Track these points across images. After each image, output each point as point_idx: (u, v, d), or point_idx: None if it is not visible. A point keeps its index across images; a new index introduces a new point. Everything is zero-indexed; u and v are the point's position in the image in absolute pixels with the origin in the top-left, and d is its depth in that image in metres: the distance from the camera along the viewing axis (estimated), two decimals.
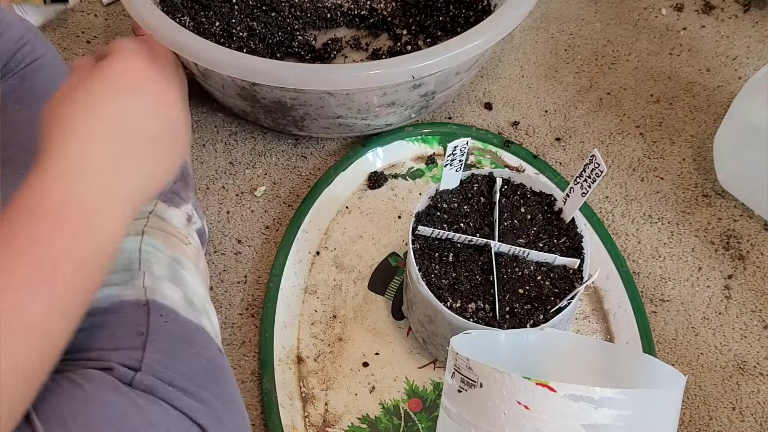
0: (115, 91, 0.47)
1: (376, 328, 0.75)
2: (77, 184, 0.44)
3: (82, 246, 0.43)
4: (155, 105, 0.49)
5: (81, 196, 0.44)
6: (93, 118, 0.46)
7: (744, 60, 0.99)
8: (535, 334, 0.60)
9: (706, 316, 0.76)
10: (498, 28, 0.77)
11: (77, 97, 0.47)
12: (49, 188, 0.43)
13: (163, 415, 0.48)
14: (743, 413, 0.70)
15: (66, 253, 0.42)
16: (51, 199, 0.43)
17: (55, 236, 0.42)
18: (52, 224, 0.42)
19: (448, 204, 0.70)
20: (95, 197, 0.44)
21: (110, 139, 0.46)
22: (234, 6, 0.94)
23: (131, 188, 0.47)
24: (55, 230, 0.42)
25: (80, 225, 0.43)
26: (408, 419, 0.69)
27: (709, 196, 0.85)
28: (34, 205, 0.42)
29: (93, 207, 0.44)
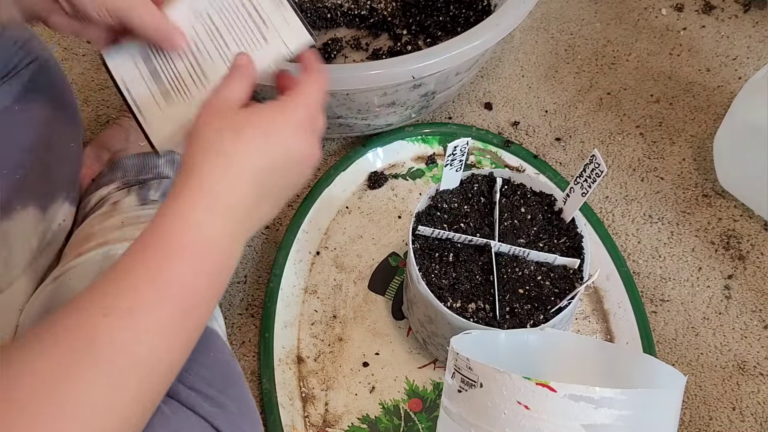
0: (287, 141, 0.48)
1: (376, 328, 0.75)
2: (223, 225, 0.45)
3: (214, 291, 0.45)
4: (305, 160, 0.50)
5: (222, 238, 0.45)
6: (256, 160, 0.46)
7: (744, 60, 0.99)
8: (535, 334, 0.60)
9: (706, 316, 0.76)
10: (498, 28, 0.77)
11: (250, 132, 0.47)
12: (201, 226, 0.44)
13: (185, 421, 0.48)
14: (743, 413, 0.70)
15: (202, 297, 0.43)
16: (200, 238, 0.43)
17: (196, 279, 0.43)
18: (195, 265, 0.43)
19: (448, 204, 0.70)
20: (232, 239, 0.45)
21: (261, 184, 0.47)
22: None
23: (253, 229, 0.48)
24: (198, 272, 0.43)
25: (217, 269, 0.44)
26: (408, 419, 0.69)
27: (709, 196, 0.85)
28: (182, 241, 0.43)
29: (229, 249, 0.45)
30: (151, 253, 0.42)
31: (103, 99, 0.94)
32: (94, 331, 0.39)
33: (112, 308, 0.39)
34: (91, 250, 0.63)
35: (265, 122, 0.47)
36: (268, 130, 0.47)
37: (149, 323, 0.40)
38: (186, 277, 0.42)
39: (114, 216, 0.67)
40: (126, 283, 0.41)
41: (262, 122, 0.47)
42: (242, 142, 0.46)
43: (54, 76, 0.69)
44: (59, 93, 0.69)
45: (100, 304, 0.40)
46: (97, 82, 0.96)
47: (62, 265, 0.63)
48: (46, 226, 0.65)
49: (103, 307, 0.40)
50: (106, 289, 0.41)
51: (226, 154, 0.45)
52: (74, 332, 0.39)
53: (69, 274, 0.61)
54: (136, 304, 0.40)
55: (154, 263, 0.42)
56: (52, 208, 0.66)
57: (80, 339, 0.38)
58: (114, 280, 0.41)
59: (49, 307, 0.59)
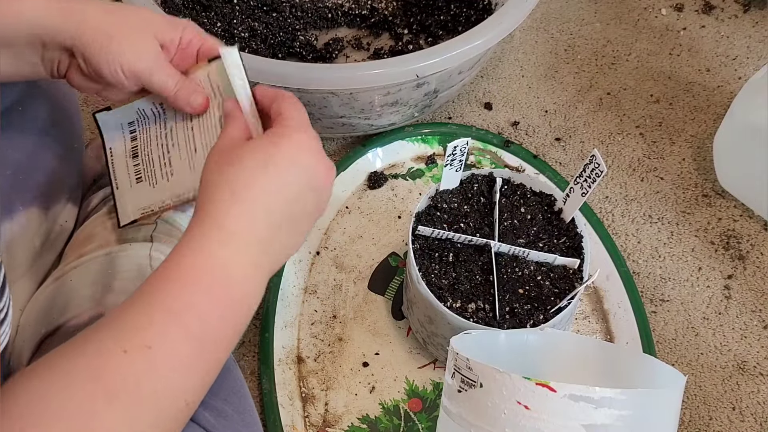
0: (290, 165, 0.47)
1: (376, 328, 0.75)
2: (241, 259, 0.44)
3: (237, 326, 0.44)
4: (319, 185, 0.49)
5: (241, 272, 0.44)
6: (263, 188, 0.46)
7: (744, 60, 0.99)
8: (535, 334, 0.60)
9: (706, 316, 0.76)
10: (501, 26, 0.77)
11: (251, 163, 0.46)
12: (225, 262, 0.43)
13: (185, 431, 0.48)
14: (743, 413, 0.70)
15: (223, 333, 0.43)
16: (222, 273, 0.43)
17: (218, 314, 0.43)
18: (217, 301, 0.43)
19: (448, 204, 0.70)
20: (252, 273, 0.45)
21: (273, 212, 0.46)
22: (235, 6, 0.94)
23: (276, 262, 0.47)
24: (220, 308, 0.43)
25: (237, 304, 0.44)
26: (408, 419, 0.69)
27: (709, 196, 0.85)
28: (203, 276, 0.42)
29: (249, 283, 0.45)
30: (170, 287, 0.42)
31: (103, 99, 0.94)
32: (111, 368, 0.38)
33: (131, 344, 0.39)
34: (92, 251, 0.63)
35: (264, 149, 0.47)
36: (267, 158, 0.46)
37: (167, 359, 0.40)
38: (204, 313, 0.42)
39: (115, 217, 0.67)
40: (144, 318, 0.40)
41: (260, 150, 0.47)
42: (245, 174, 0.45)
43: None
44: (60, 93, 0.69)
45: (119, 339, 0.39)
46: None
47: (63, 265, 0.63)
48: (49, 226, 0.65)
49: (121, 342, 0.39)
50: (124, 325, 0.40)
51: (233, 190, 0.45)
52: (93, 370, 0.38)
53: (70, 274, 0.61)
54: (154, 341, 0.39)
55: (172, 298, 0.41)
56: (55, 208, 0.66)
57: (100, 377, 0.38)
58: (132, 314, 0.41)
59: (49, 307, 0.59)
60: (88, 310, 0.57)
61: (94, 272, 0.61)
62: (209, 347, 0.42)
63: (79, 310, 0.57)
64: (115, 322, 0.41)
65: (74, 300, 0.58)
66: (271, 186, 0.46)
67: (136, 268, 0.61)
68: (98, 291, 0.59)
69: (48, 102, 0.67)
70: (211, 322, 0.42)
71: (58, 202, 0.66)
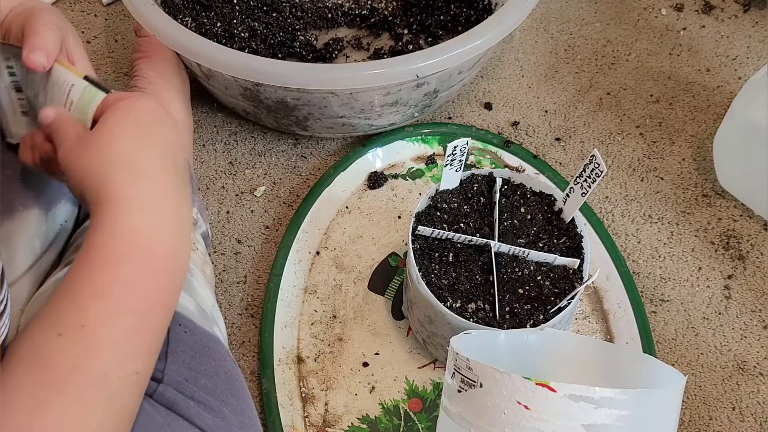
0: (158, 122, 0.48)
1: (376, 328, 0.75)
2: (157, 222, 0.44)
3: (170, 287, 0.44)
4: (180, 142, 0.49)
5: (163, 234, 0.44)
6: (150, 152, 0.46)
7: (744, 60, 0.99)
8: (535, 334, 0.60)
9: (706, 316, 0.76)
10: (501, 26, 0.77)
11: (129, 133, 0.46)
12: (135, 230, 0.43)
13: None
14: (743, 413, 0.70)
15: (158, 298, 0.43)
16: (138, 241, 0.43)
17: (147, 281, 0.43)
18: (142, 269, 0.42)
19: (448, 204, 0.70)
20: (173, 233, 0.45)
21: (168, 171, 0.46)
22: (235, 6, 0.94)
23: (188, 214, 0.47)
24: (146, 275, 0.43)
25: (166, 269, 0.44)
26: (408, 419, 0.69)
27: (709, 196, 0.85)
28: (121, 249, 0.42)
29: (173, 244, 0.44)
30: (94, 266, 0.42)
31: None
32: (52, 353, 0.38)
33: (64, 326, 0.39)
34: None
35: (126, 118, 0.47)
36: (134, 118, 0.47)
37: (105, 336, 0.40)
38: (133, 283, 0.42)
39: None
40: (74, 300, 0.40)
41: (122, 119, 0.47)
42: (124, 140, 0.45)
43: None
44: None
45: (53, 323, 0.40)
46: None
47: (63, 266, 0.63)
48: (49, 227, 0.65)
49: (56, 326, 0.39)
50: (56, 308, 0.41)
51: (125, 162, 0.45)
52: (35, 358, 0.38)
53: None
54: (87, 319, 0.40)
55: (98, 275, 0.41)
56: (55, 208, 0.66)
57: (42, 364, 0.38)
58: (62, 299, 0.41)
59: None
60: None
61: None
62: (147, 313, 0.42)
63: None
64: (46, 310, 0.41)
65: None
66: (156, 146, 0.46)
67: None
68: None
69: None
70: (141, 291, 0.42)
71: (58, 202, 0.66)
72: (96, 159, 0.45)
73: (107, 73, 0.97)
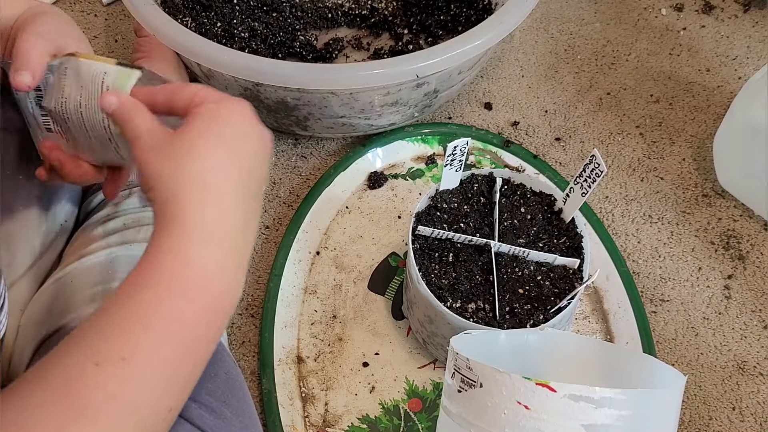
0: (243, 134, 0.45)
1: (376, 328, 0.75)
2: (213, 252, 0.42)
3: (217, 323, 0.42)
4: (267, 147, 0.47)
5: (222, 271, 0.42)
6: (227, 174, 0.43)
7: (744, 60, 0.99)
8: (535, 334, 0.60)
9: (706, 316, 0.76)
10: (501, 26, 0.77)
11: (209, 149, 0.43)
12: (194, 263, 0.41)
13: None
14: (743, 413, 0.70)
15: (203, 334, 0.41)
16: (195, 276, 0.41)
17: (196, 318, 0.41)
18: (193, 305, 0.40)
19: (448, 204, 0.70)
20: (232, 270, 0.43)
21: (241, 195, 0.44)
22: (235, 6, 0.94)
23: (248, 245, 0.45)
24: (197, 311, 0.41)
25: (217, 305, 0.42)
26: (408, 419, 0.69)
27: (709, 196, 0.85)
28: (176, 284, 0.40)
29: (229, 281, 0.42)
30: (143, 295, 0.40)
31: None
32: (85, 383, 0.37)
33: (104, 357, 0.37)
34: (92, 252, 0.63)
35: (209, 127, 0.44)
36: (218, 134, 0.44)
37: (144, 371, 0.38)
38: (182, 318, 0.40)
39: (116, 218, 0.67)
40: (117, 329, 0.39)
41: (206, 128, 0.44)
42: (202, 158, 0.43)
43: None
44: None
45: (91, 352, 0.38)
46: None
47: (64, 266, 0.63)
48: (49, 227, 0.65)
49: (94, 355, 0.38)
50: (97, 336, 0.39)
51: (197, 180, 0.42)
52: (66, 384, 0.37)
53: (70, 275, 0.61)
54: (128, 351, 0.38)
55: (146, 306, 0.39)
56: (55, 208, 0.66)
57: (72, 392, 0.37)
58: (104, 325, 0.39)
59: (50, 308, 0.59)
60: (90, 311, 0.57)
61: (94, 273, 0.61)
62: (190, 350, 0.40)
63: (80, 311, 0.57)
64: (85, 334, 0.39)
65: (75, 301, 0.58)
66: (233, 164, 0.43)
67: None
68: (99, 292, 0.59)
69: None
70: (190, 325, 0.40)
71: (58, 202, 0.66)
72: (169, 169, 0.43)
73: None
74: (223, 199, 0.43)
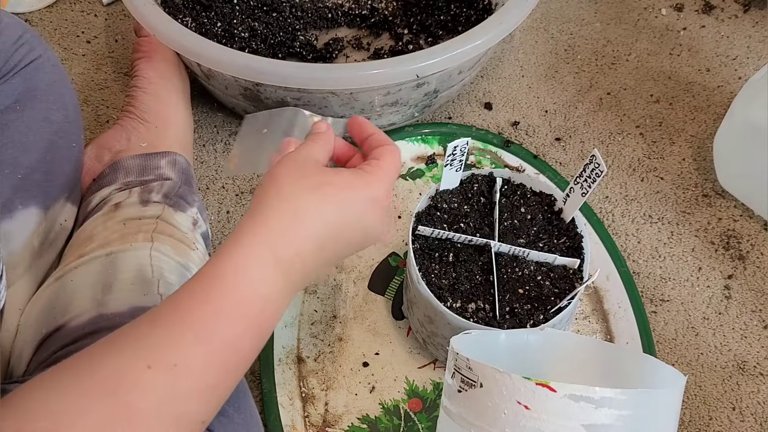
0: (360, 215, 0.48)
1: (376, 328, 0.75)
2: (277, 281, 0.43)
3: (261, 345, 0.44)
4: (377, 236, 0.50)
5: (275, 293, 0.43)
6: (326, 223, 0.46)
7: (744, 60, 0.99)
8: (535, 334, 0.60)
9: (706, 316, 0.76)
10: (501, 26, 0.77)
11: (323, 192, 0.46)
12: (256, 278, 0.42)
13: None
14: (743, 413, 0.70)
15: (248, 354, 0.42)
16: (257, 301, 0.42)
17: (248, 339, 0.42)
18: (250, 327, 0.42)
19: (448, 204, 0.70)
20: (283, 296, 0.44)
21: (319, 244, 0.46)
22: (235, 6, 0.94)
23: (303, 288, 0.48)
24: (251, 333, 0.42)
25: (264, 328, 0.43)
26: (408, 419, 0.69)
27: (709, 196, 0.85)
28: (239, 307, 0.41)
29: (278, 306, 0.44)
30: (204, 309, 0.40)
31: (103, 99, 0.94)
32: (132, 384, 0.37)
33: (156, 361, 0.37)
34: (92, 251, 0.63)
35: (345, 186, 0.47)
36: (346, 195, 0.46)
37: (192, 381, 0.38)
38: (236, 338, 0.40)
39: (115, 217, 0.67)
40: (172, 336, 0.39)
41: (341, 185, 0.46)
42: (316, 200, 0.45)
43: (55, 76, 0.69)
44: (61, 92, 0.69)
45: (143, 354, 0.38)
46: (97, 82, 0.96)
47: (63, 265, 0.63)
48: (48, 226, 0.65)
49: (146, 357, 0.37)
50: (150, 340, 0.39)
51: (297, 208, 0.44)
52: (115, 382, 0.36)
53: (70, 275, 0.61)
54: (181, 359, 0.38)
55: (204, 318, 0.40)
56: (54, 208, 0.66)
57: (121, 391, 0.36)
58: (160, 329, 0.39)
59: (50, 307, 0.59)
60: (89, 310, 0.57)
61: (94, 272, 0.61)
62: (233, 367, 0.41)
63: (80, 311, 0.57)
64: (140, 334, 0.39)
65: (75, 300, 0.58)
66: (335, 224, 0.46)
67: (137, 268, 0.61)
68: (99, 291, 0.59)
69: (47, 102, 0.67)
70: (240, 347, 0.41)
71: (57, 201, 0.66)
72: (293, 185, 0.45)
73: (107, 73, 0.97)
74: (303, 235, 0.45)
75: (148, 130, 0.78)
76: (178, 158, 0.76)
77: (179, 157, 0.76)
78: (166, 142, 0.77)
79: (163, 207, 0.69)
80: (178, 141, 0.79)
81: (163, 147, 0.76)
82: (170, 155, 0.75)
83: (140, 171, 0.73)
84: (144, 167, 0.73)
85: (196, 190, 0.77)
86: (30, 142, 0.64)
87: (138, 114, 0.79)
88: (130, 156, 0.74)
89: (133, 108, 0.80)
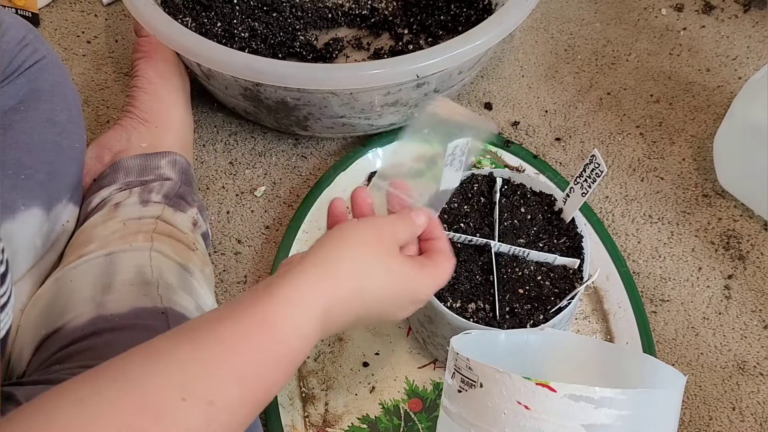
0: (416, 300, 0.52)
1: (376, 328, 0.75)
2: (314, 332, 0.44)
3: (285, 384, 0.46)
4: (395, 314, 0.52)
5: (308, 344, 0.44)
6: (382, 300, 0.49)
7: (744, 60, 0.99)
8: (535, 334, 0.60)
9: (706, 316, 0.76)
10: (501, 26, 0.77)
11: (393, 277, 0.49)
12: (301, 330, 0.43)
13: None
14: (743, 413, 0.70)
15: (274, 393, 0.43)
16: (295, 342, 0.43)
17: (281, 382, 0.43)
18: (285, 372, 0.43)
19: (448, 204, 0.70)
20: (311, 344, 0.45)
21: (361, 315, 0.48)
22: (235, 6, 0.94)
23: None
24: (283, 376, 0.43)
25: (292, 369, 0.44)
26: (408, 419, 0.69)
27: (709, 196, 0.85)
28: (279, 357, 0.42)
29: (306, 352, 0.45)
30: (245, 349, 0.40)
31: (104, 99, 0.94)
32: (166, 413, 0.36)
33: (192, 394, 0.37)
34: (92, 251, 0.63)
35: (410, 278, 0.50)
36: (407, 284, 0.50)
37: (224, 420, 0.38)
38: (270, 381, 0.41)
39: (116, 217, 0.67)
40: (212, 370, 0.38)
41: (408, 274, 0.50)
42: (382, 285, 0.48)
43: (59, 76, 0.69)
44: (64, 93, 0.69)
45: (179, 384, 0.37)
46: (97, 82, 0.96)
47: (63, 266, 0.63)
48: (50, 226, 0.65)
49: (182, 388, 0.37)
50: (189, 367, 0.38)
51: (362, 286, 0.47)
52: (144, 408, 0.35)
53: (70, 275, 0.61)
54: (217, 396, 0.37)
55: (250, 363, 0.40)
56: (57, 208, 0.66)
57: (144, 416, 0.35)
58: (201, 360, 0.38)
59: (50, 308, 0.59)
60: (88, 311, 0.57)
61: (94, 273, 0.61)
62: (260, 405, 0.41)
63: (79, 312, 0.57)
64: (179, 358, 0.38)
65: (74, 301, 0.58)
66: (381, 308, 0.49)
67: (136, 269, 0.61)
68: (98, 292, 0.59)
69: (51, 102, 0.67)
70: (274, 390, 0.43)
71: (59, 202, 0.66)
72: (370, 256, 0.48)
73: (107, 73, 0.97)
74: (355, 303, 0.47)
75: (148, 130, 0.78)
76: (178, 158, 0.76)
77: (179, 157, 0.76)
78: (166, 142, 0.77)
79: (163, 207, 0.69)
80: (178, 141, 0.79)
81: (164, 147, 0.76)
82: (170, 155, 0.75)
83: (140, 171, 0.73)
84: (144, 167, 0.73)
85: (196, 190, 0.77)
86: (34, 143, 0.64)
87: (138, 114, 0.79)
88: (130, 156, 0.74)
89: (133, 108, 0.80)
